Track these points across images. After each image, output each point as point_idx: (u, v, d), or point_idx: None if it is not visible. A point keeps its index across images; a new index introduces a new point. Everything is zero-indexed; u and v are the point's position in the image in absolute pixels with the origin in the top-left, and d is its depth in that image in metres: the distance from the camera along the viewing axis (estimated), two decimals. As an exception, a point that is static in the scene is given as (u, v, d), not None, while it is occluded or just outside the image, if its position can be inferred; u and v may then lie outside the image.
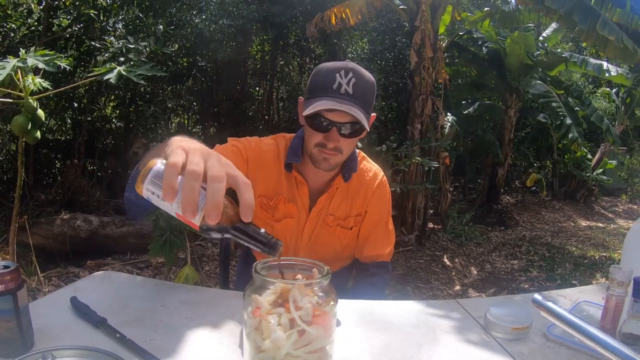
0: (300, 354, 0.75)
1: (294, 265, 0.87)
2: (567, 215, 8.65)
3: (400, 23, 6.96)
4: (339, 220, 1.49)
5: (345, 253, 1.58)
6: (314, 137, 1.31)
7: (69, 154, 5.87)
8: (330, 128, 1.28)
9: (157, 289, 1.30)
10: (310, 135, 1.33)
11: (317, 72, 1.32)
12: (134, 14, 5.32)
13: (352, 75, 1.26)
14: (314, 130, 1.30)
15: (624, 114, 9.94)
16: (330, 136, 1.29)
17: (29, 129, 2.47)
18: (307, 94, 1.32)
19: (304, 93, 1.35)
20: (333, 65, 1.29)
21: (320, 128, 1.29)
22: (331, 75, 1.27)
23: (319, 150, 1.32)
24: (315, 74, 1.32)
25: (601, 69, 7.22)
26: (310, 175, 1.45)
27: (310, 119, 1.29)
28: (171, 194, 0.68)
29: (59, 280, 3.88)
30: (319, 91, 1.27)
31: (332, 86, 1.25)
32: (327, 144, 1.30)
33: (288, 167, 1.43)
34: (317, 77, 1.31)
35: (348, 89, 1.26)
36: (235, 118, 6.36)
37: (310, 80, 1.34)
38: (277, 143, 1.47)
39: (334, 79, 1.26)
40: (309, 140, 1.34)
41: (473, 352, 1.05)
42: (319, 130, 1.30)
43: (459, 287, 4.61)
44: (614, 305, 1.11)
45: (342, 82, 1.26)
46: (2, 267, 0.87)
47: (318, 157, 1.34)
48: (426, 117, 5.66)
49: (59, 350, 0.87)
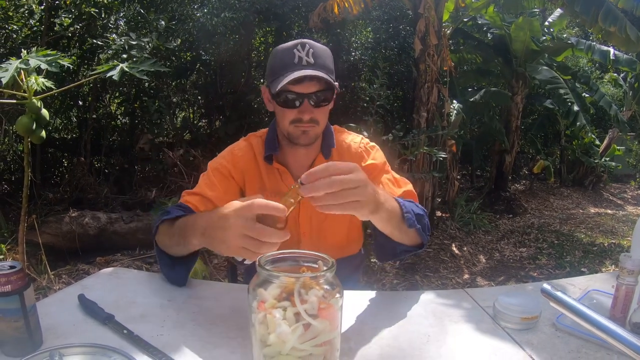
0: (306, 348, 0.75)
1: (298, 258, 0.86)
2: (575, 202, 8.60)
3: (403, 11, 6.90)
4: None
5: (353, 233, 1.57)
6: (288, 114, 1.32)
7: (76, 152, 5.90)
8: (302, 101, 1.30)
9: (164, 284, 1.30)
10: (283, 115, 1.34)
11: (274, 54, 1.34)
12: (136, 10, 5.31)
13: (308, 47, 1.29)
14: (286, 108, 1.32)
15: (632, 99, 9.83)
16: (304, 109, 1.30)
17: (33, 129, 2.47)
18: (269, 78, 1.34)
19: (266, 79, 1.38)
20: (287, 45, 1.32)
21: (292, 104, 1.30)
22: (289, 52, 1.29)
23: (295, 126, 1.34)
24: (272, 57, 1.35)
25: (607, 55, 7.14)
26: (291, 162, 1.46)
27: (280, 98, 1.30)
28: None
29: (69, 277, 3.91)
30: (281, 70, 1.29)
31: (293, 61, 1.28)
32: (302, 117, 1.31)
33: (268, 160, 1.44)
34: (275, 59, 1.33)
35: (309, 59, 1.28)
36: (240, 110, 6.36)
37: (268, 64, 1.36)
38: (250, 142, 1.49)
39: (292, 54, 1.28)
40: (282, 121, 1.35)
41: (482, 342, 1.04)
42: (291, 107, 1.31)
43: (467, 275, 4.60)
44: (624, 294, 1.09)
45: (302, 55, 1.28)
46: (9, 267, 0.87)
47: (296, 133, 1.35)
48: (432, 105, 5.62)
49: (66, 349, 0.88)
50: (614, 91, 11.23)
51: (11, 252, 4.11)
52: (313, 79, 1.28)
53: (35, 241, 3.86)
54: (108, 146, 6.22)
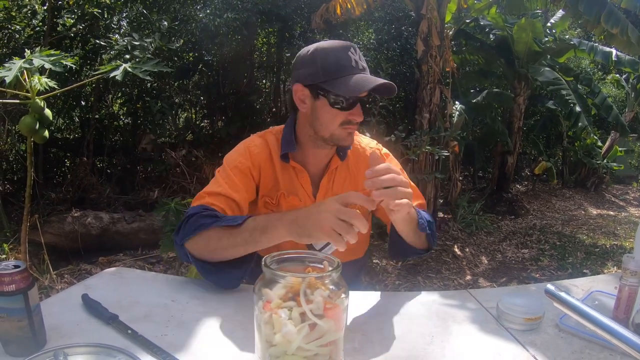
0: (312, 348, 0.75)
1: (304, 258, 0.86)
2: (577, 204, 8.59)
3: (406, 12, 6.90)
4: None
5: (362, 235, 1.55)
6: (339, 117, 1.30)
7: (78, 152, 5.91)
8: (356, 104, 1.29)
9: (168, 284, 1.30)
10: (332, 117, 1.30)
11: (324, 54, 1.30)
12: (138, 10, 5.33)
13: (358, 50, 1.30)
14: (340, 110, 1.29)
15: (634, 100, 9.82)
16: (357, 111, 1.30)
17: (37, 129, 2.48)
18: (320, 77, 1.28)
19: (302, 78, 1.32)
20: (337, 45, 1.30)
21: (348, 107, 1.28)
22: (343, 54, 1.27)
23: (344, 128, 1.32)
24: (323, 57, 1.29)
25: (610, 56, 7.13)
26: (308, 162, 1.44)
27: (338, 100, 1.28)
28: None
29: (71, 277, 3.91)
30: (339, 72, 1.26)
31: (351, 64, 1.27)
32: (353, 120, 1.31)
33: (285, 158, 1.41)
34: (327, 60, 1.28)
35: (362, 63, 1.29)
36: (242, 111, 6.36)
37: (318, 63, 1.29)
38: (266, 140, 1.45)
39: (348, 57, 1.27)
40: (330, 123, 1.31)
41: (485, 343, 1.04)
42: (346, 109, 1.29)
43: (469, 276, 4.59)
44: (627, 295, 1.09)
45: (356, 58, 1.28)
46: (13, 267, 0.87)
47: (342, 135, 1.33)
48: (434, 106, 5.62)
49: (70, 348, 0.88)
50: (616, 92, 11.21)
51: (14, 252, 4.11)
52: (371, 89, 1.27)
53: (38, 241, 3.87)
54: (110, 146, 6.23)
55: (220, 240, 1.16)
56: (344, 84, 1.25)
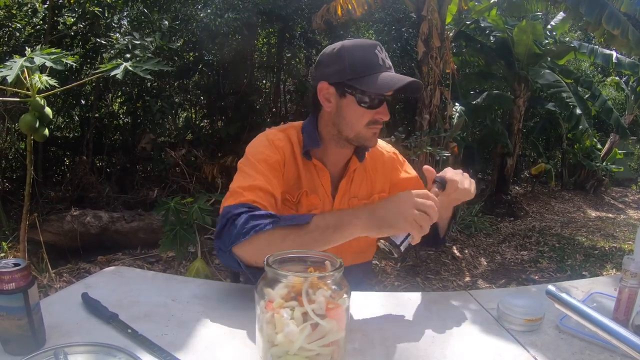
0: (314, 348, 0.75)
1: (306, 258, 0.86)
2: (576, 206, 8.59)
3: (406, 14, 6.90)
4: (363, 200, 1.47)
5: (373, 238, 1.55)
6: (365, 115, 1.28)
7: (78, 150, 5.90)
8: (382, 103, 1.29)
9: (168, 283, 1.30)
10: (359, 117, 1.29)
11: (351, 51, 1.28)
12: (139, 10, 5.32)
13: (383, 49, 1.31)
14: (368, 109, 1.28)
15: (634, 103, 9.83)
16: (383, 110, 1.29)
17: (36, 127, 2.48)
18: (348, 74, 1.26)
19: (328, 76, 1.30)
20: (362, 43, 1.30)
21: (375, 105, 1.28)
22: (370, 53, 1.27)
23: (369, 127, 1.30)
24: (349, 54, 1.28)
25: (610, 59, 7.14)
26: (329, 161, 1.42)
27: (365, 99, 1.27)
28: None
29: (70, 276, 3.91)
30: (367, 69, 1.25)
31: (378, 62, 1.26)
32: (380, 119, 1.30)
33: (307, 155, 1.38)
34: (353, 58, 1.27)
35: (389, 62, 1.30)
36: (242, 111, 6.36)
37: (346, 61, 1.27)
38: (288, 135, 1.39)
39: (375, 55, 1.27)
40: (357, 122, 1.30)
41: (486, 344, 1.04)
42: (373, 108, 1.28)
43: (468, 278, 4.59)
44: (627, 296, 1.10)
45: (382, 56, 1.28)
46: (13, 265, 0.87)
47: (367, 135, 1.32)
48: (434, 107, 5.62)
49: (70, 347, 0.88)
50: (616, 95, 11.22)
51: (12, 250, 4.11)
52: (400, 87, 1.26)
53: (37, 239, 3.86)
54: (110, 145, 6.22)
55: (284, 242, 1.07)
56: (372, 82, 1.24)
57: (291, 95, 7.57)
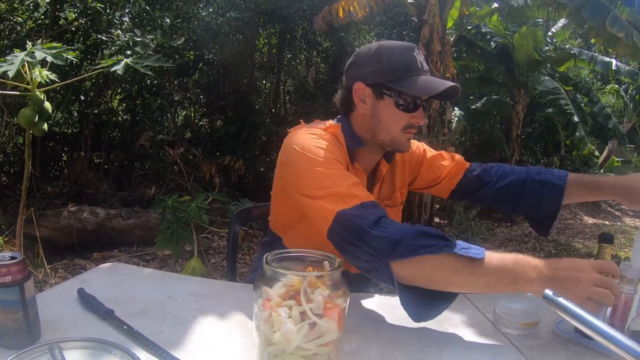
0: (311, 347, 0.75)
1: (305, 257, 0.86)
2: (573, 212, 8.61)
3: (407, 17, 6.92)
4: (386, 201, 1.44)
5: None
6: (402, 119, 1.24)
7: (76, 146, 5.90)
8: (419, 107, 1.25)
9: (164, 280, 1.29)
10: (396, 120, 1.25)
11: (390, 52, 1.24)
12: (141, 7, 5.33)
13: (421, 52, 1.26)
14: (405, 112, 1.24)
15: (633, 111, 9.86)
16: (419, 114, 1.25)
17: (36, 122, 2.47)
18: (387, 75, 1.22)
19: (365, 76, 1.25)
20: (401, 45, 1.26)
21: (412, 108, 1.24)
22: (409, 55, 1.23)
23: (405, 132, 1.27)
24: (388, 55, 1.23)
25: (609, 67, 7.16)
26: (364, 164, 1.36)
27: (403, 101, 1.23)
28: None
29: (65, 272, 3.90)
30: (407, 72, 1.22)
31: (417, 65, 1.22)
32: (416, 123, 1.26)
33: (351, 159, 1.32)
34: (392, 59, 1.23)
35: (427, 65, 1.26)
36: (241, 111, 6.36)
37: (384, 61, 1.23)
38: (334, 133, 1.29)
39: (414, 58, 1.23)
40: (393, 126, 1.25)
41: (482, 347, 1.04)
42: (410, 111, 1.24)
43: (464, 282, 4.59)
44: (623, 302, 1.10)
45: (421, 59, 1.24)
46: (9, 258, 0.87)
47: (402, 140, 1.28)
48: (433, 111, 5.63)
49: (66, 342, 0.87)
50: (615, 102, 11.25)
51: (8, 245, 4.10)
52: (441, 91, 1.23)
53: (33, 234, 3.85)
54: (108, 142, 6.21)
55: (457, 275, 0.98)
56: (412, 85, 1.20)
57: (291, 96, 7.57)
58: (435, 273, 0.98)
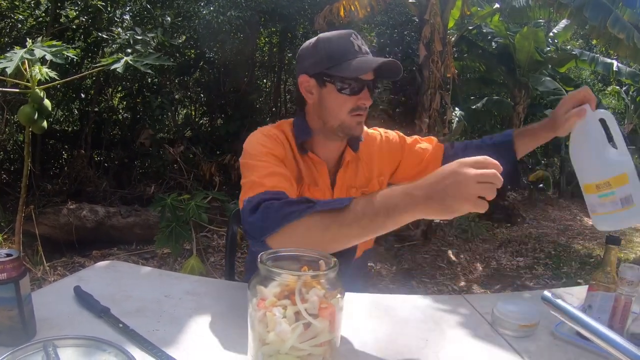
0: (306, 348, 0.74)
1: (300, 256, 0.85)
2: (573, 214, 8.59)
3: (408, 17, 6.91)
4: (362, 188, 1.47)
5: None
6: (348, 103, 1.28)
7: (76, 144, 5.90)
8: (362, 89, 1.28)
9: (161, 279, 1.29)
10: (341, 104, 1.29)
11: (327, 41, 1.29)
12: (142, 5, 5.32)
13: (359, 37, 1.30)
14: (349, 95, 1.27)
15: (633, 112, 9.84)
16: (364, 96, 1.28)
17: (35, 119, 2.47)
18: (325, 63, 1.27)
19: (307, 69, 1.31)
20: (338, 33, 1.30)
21: (355, 91, 1.27)
22: (346, 40, 1.27)
23: (352, 115, 1.30)
24: (325, 44, 1.29)
25: (611, 68, 7.15)
26: (323, 153, 1.41)
27: (345, 85, 1.26)
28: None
29: (64, 269, 3.89)
30: (344, 56, 1.26)
31: (354, 48, 1.26)
32: (362, 105, 1.29)
33: (302, 150, 1.38)
34: (330, 47, 1.28)
35: (365, 48, 1.29)
36: (242, 110, 6.36)
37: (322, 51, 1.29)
38: (282, 129, 1.39)
39: (350, 42, 1.27)
40: (339, 111, 1.29)
41: (479, 348, 1.04)
42: (354, 94, 1.27)
43: (463, 282, 4.59)
44: (623, 304, 1.09)
45: (358, 43, 1.28)
46: (5, 255, 0.86)
47: (352, 124, 1.31)
48: (434, 111, 5.62)
49: (60, 340, 0.87)
50: (616, 104, 11.23)
51: (7, 242, 4.09)
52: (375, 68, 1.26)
53: (32, 232, 3.85)
54: (109, 140, 6.22)
55: (328, 231, 0.98)
56: (348, 67, 1.24)
57: (291, 95, 7.57)
58: (308, 236, 0.99)
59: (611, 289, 1.09)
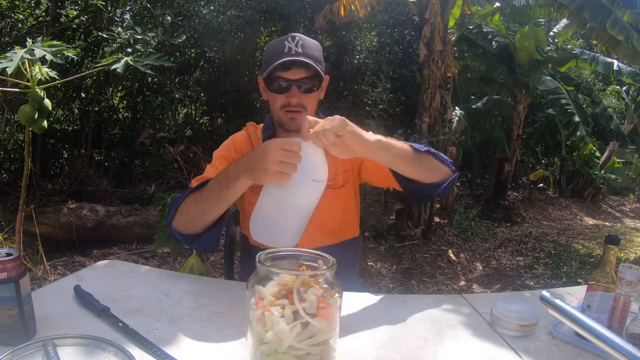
0: (304, 347, 0.74)
1: (298, 256, 0.86)
2: (573, 213, 8.59)
3: (409, 16, 6.90)
4: (328, 182, 1.47)
5: (348, 217, 1.58)
6: (278, 100, 1.41)
7: (76, 144, 5.89)
8: (290, 87, 1.38)
9: (161, 278, 1.29)
10: (274, 101, 1.43)
11: (267, 47, 1.45)
12: (142, 4, 5.31)
13: (298, 39, 1.38)
14: (276, 93, 1.40)
15: (634, 112, 9.84)
16: (292, 94, 1.38)
17: (35, 119, 2.47)
18: (264, 65, 1.41)
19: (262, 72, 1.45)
20: (279, 38, 1.41)
21: (281, 89, 1.39)
22: (280, 44, 1.38)
23: (284, 111, 1.41)
24: (265, 50, 1.45)
25: (611, 67, 7.14)
26: None
27: (271, 84, 1.39)
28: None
29: (64, 269, 3.90)
30: (273, 58, 1.36)
31: (283, 51, 1.36)
32: (290, 102, 1.39)
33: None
34: (267, 51, 1.43)
35: (298, 49, 1.37)
36: (242, 109, 6.35)
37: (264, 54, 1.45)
38: (248, 131, 1.60)
39: (283, 45, 1.37)
40: (273, 107, 1.44)
41: (478, 348, 1.04)
42: (281, 92, 1.39)
43: (463, 282, 4.59)
44: (622, 304, 1.09)
45: (291, 45, 1.36)
46: (5, 255, 0.87)
47: (285, 119, 1.43)
48: (434, 110, 5.62)
49: (60, 339, 0.87)
50: (616, 103, 11.23)
51: (8, 242, 4.10)
52: (301, 66, 1.35)
53: (33, 231, 3.85)
54: (109, 139, 6.22)
55: (197, 206, 1.21)
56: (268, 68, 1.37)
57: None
58: (187, 212, 1.23)
59: (610, 289, 1.09)
